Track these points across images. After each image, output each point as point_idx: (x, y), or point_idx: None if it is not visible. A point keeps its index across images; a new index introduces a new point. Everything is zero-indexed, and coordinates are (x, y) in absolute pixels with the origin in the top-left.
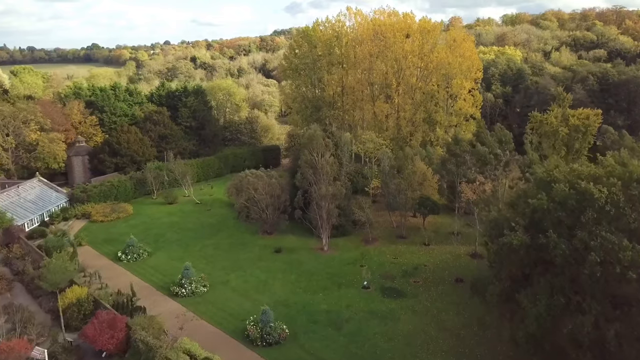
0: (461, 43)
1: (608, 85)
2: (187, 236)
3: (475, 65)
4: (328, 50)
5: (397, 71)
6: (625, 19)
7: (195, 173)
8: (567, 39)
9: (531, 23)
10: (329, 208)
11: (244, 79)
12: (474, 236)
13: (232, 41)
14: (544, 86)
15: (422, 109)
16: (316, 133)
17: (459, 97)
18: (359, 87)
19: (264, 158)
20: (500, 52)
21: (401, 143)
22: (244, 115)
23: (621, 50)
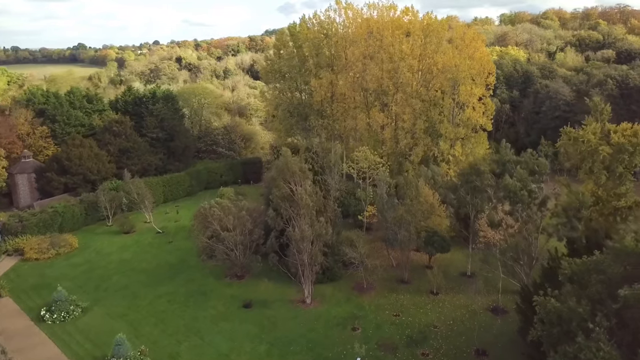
0: (470, 42)
1: (629, 90)
2: (137, 281)
3: (486, 68)
4: (316, 50)
5: (394, 75)
6: (631, 18)
7: (162, 193)
8: (572, 39)
9: (531, 22)
10: (312, 251)
11: (230, 80)
12: (492, 280)
13: (221, 41)
14: (557, 90)
15: (423, 119)
16: (289, 160)
17: (467, 106)
18: (350, 94)
19: (243, 172)
20: (503, 53)
21: (400, 158)
22: (221, 123)
23: (631, 51)
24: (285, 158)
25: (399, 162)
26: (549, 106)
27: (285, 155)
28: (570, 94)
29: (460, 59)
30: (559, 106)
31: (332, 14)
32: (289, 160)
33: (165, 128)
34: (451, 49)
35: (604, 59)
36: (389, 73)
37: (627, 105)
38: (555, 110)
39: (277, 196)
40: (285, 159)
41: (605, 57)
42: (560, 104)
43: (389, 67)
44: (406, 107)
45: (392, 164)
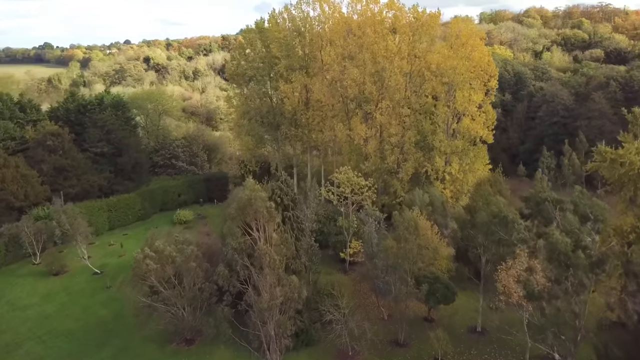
0: (466, 40)
1: (634, 93)
2: (55, 352)
3: (487, 70)
4: (287, 51)
5: (379, 79)
6: (614, 17)
7: (106, 219)
8: (557, 38)
9: (513, 21)
10: (279, 321)
11: (200, 82)
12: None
13: (192, 40)
14: (554, 94)
15: (413, 131)
16: (252, 195)
17: (464, 114)
18: (327, 100)
19: (207, 190)
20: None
21: (386, 176)
22: (182, 132)
23: (621, 50)
24: (248, 192)
25: (385, 180)
26: (546, 111)
27: (249, 189)
28: (569, 98)
29: (457, 60)
30: (557, 111)
31: (305, 7)
32: (253, 195)
33: (112, 141)
34: (445, 48)
35: (593, 58)
36: (372, 77)
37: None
38: (553, 115)
39: (233, 247)
40: (249, 194)
41: (594, 56)
42: (558, 109)
43: (372, 69)
44: (393, 116)
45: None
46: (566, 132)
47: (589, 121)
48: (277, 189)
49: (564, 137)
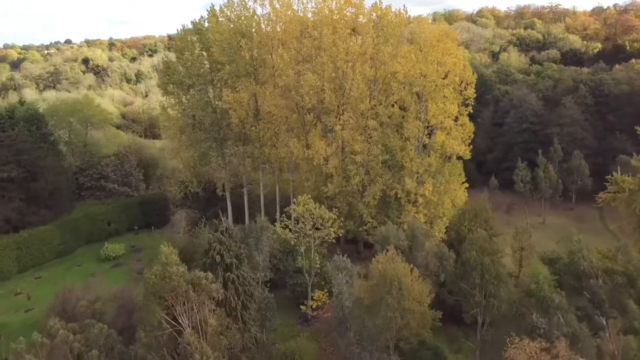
0: (437, 43)
1: (605, 98)
2: None
3: (464, 76)
4: (231, 54)
5: (339, 87)
6: (564, 17)
7: (15, 259)
8: (512, 38)
9: (467, 21)
10: None
11: (143, 85)
12: None
13: (136, 40)
14: (522, 98)
15: (380, 147)
16: (173, 272)
17: (438, 128)
18: (280, 112)
19: (143, 214)
20: None
21: (350, 199)
22: (113, 148)
23: (577, 51)
24: (163, 267)
25: (350, 204)
26: (514, 117)
27: (166, 260)
28: (538, 103)
29: (427, 66)
30: (526, 117)
31: (251, 4)
32: (172, 271)
33: (23, 163)
34: (414, 51)
35: (550, 59)
36: (332, 84)
37: (603, 115)
38: (522, 121)
39: (144, 343)
40: (161, 269)
41: (551, 57)
42: (527, 115)
43: (332, 75)
44: (358, 130)
45: (341, 206)
46: (537, 139)
47: (561, 128)
48: (216, 242)
49: (535, 145)
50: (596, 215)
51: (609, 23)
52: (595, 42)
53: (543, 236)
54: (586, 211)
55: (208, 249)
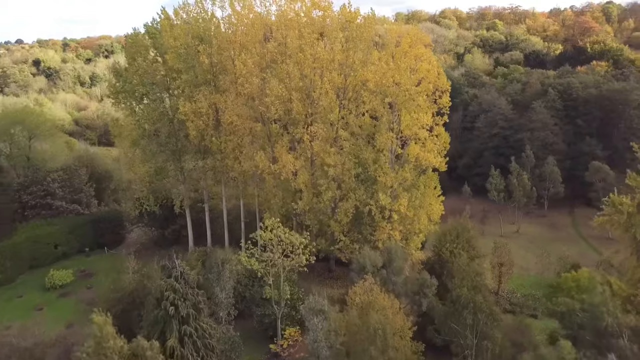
0: (409, 49)
1: (573, 102)
2: None
3: (438, 84)
4: (187, 61)
5: (306, 96)
6: (525, 18)
7: None
8: (475, 40)
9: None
10: None
11: (99, 88)
12: None
13: (92, 40)
14: (491, 102)
15: (352, 160)
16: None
17: (412, 139)
18: (244, 122)
19: (95, 234)
20: None
21: (321, 217)
22: (60, 161)
23: (539, 53)
24: (97, 343)
25: (321, 221)
26: (484, 122)
27: (100, 334)
28: (507, 107)
29: (400, 74)
30: (497, 121)
31: (209, 5)
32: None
33: None
34: (385, 57)
35: (514, 61)
36: (300, 92)
37: (572, 119)
38: (493, 126)
39: None
40: (97, 344)
41: (515, 59)
42: (497, 119)
43: (299, 84)
44: (328, 142)
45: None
46: (507, 144)
47: (532, 133)
48: (169, 290)
49: (506, 151)
50: (568, 221)
51: (567, 25)
52: (556, 43)
53: (518, 246)
54: (559, 218)
55: (160, 298)
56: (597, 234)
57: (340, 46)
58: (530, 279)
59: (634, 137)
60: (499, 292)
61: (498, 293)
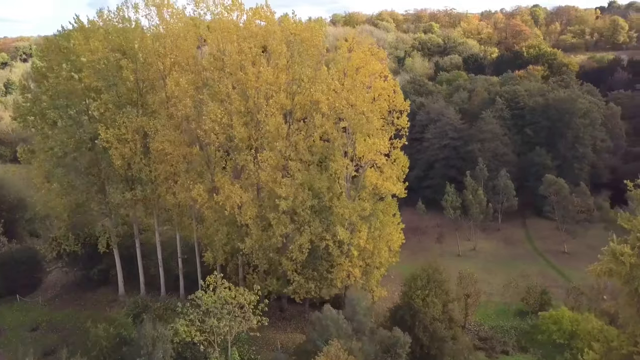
0: (363, 64)
1: (521, 111)
2: None
3: (396, 103)
4: (108, 78)
5: (250, 120)
6: (459, 21)
7: None
8: (414, 43)
9: (368, 24)
10: None
11: (14, 97)
12: None
13: (7, 42)
14: (439, 112)
15: (305, 191)
16: None
17: (369, 165)
18: (178, 149)
19: (3, 279)
20: None
21: (272, 255)
22: None
23: (477, 57)
24: None
25: (271, 260)
26: (434, 132)
27: None
28: (456, 117)
29: (356, 94)
30: (446, 132)
31: (132, 14)
32: None
33: None
34: (336, 75)
35: (453, 65)
36: (243, 116)
37: (521, 128)
38: (442, 137)
39: None
40: None
41: (454, 62)
42: (447, 129)
43: (241, 106)
44: (278, 170)
45: (261, 264)
46: (458, 156)
47: (482, 144)
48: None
49: (457, 162)
50: (522, 235)
51: (499, 27)
52: (491, 46)
53: (477, 267)
54: (513, 231)
55: None
56: (552, 248)
57: (286, 61)
58: (495, 306)
59: (581, 146)
60: (466, 326)
61: (465, 326)
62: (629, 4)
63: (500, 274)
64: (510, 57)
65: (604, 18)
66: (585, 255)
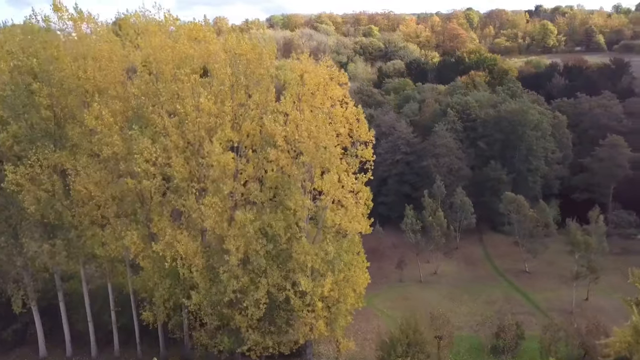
0: (321, 86)
1: (473, 123)
2: None
3: (360, 133)
4: (16, 105)
5: (191, 155)
6: (399, 24)
7: None
8: (356, 47)
9: (308, 27)
10: None
11: None
12: None
13: None
14: (390, 124)
15: (259, 239)
16: None
17: (330, 202)
18: (104, 190)
19: None
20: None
21: (225, 310)
22: None
23: (420, 62)
24: None
25: (223, 316)
26: (385, 147)
27: None
28: (408, 130)
29: (318, 126)
30: (399, 147)
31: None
32: None
33: None
34: (290, 102)
35: (396, 70)
36: (182, 151)
37: (473, 141)
38: (395, 152)
39: None
40: None
41: (397, 68)
42: (399, 144)
43: (180, 140)
44: (226, 216)
45: (210, 321)
46: (412, 171)
47: (437, 159)
48: None
49: (411, 178)
50: (481, 253)
51: (437, 31)
52: (429, 50)
53: (442, 295)
54: (472, 249)
55: None
56: (513, 267)
57: (230, 87)
58: (466, 342)
59: (534, 159)
60: None
61: None
62: (555, 8)
63: (465, 301)
64: (452, 63)
65: (534, 22)
66: (545, 274)
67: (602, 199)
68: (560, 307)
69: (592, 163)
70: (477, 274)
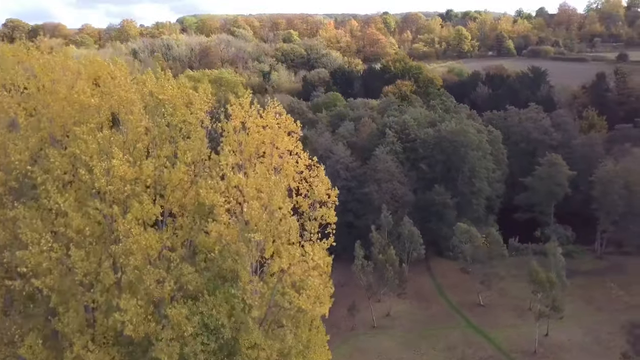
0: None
1: (412, 143)
2: None
3: (319, 193)
4: None
5: (97, 241)
6: (318, 29)
7: None
8: (277, 54)
9: (223, 31)
10: None
11: None
12: None
13: None
14: (326, 148)
15: (198, 333)
16: None
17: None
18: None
19: None
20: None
21: None
22: None
23: (345, 71)
24: None
25: None
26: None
27: None
28: (346, 153)
29: (268, 186)
30: (338, 172)
31: None
32: None
33: None
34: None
35: (321, 80)
36: (87, 236)
37: (413, 162)
38: (335, 179)
39: None
40: None
41: (322, 77)
42: (338, 169)
43: (80, 224)
44: (151, 322)
45: None
46: (354, 198)
47: (379, 185)
48: None
49: (353, 206)
50: (432, 285)
51: (356, 36)
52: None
53: (397, 342)
54: (421, 282)
55: None
56: (467, 300)
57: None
58: None
59: (477, 180)
60: None
61: None
62: (465, 12)
63: (424, 349)
64: (378, 72)
65: (448, 27)
66: (501, 307)
67: (543, 218)
68: (523, 347)
69: (533, 182)
70: (432, 312)
